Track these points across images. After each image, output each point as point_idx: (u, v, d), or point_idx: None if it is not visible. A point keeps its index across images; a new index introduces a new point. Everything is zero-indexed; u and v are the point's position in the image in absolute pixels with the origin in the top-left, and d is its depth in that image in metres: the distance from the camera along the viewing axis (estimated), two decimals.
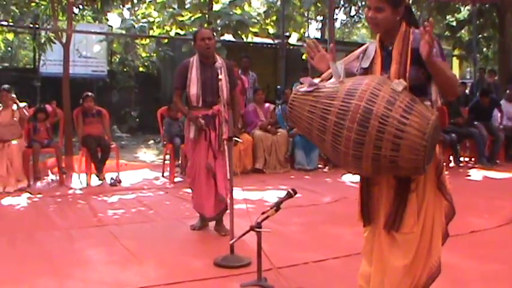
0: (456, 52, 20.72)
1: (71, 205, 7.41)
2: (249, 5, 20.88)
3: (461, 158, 11.39)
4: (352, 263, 4.70)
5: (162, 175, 9.78)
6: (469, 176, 9.76)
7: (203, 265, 4.69)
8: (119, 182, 9.02)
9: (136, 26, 20.56)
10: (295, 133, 10.55)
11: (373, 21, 3.11)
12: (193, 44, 5.98)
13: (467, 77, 20.66)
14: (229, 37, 18.33)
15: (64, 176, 9.06)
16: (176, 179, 9.28)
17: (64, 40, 10.90)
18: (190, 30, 18.93)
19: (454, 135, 10.51)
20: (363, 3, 20.99)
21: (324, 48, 3.44)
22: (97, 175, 9.03)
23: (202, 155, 5.66)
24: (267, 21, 20.92)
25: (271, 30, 20.38)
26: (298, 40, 20.95)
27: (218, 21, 18.27)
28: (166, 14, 19.33)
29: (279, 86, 12.85)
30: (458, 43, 20.33)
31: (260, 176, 9.76)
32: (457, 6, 19.06)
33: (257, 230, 3.71)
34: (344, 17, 27.25)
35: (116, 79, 19.72)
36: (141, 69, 21.84)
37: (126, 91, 19.62)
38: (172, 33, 19.10)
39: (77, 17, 17.21)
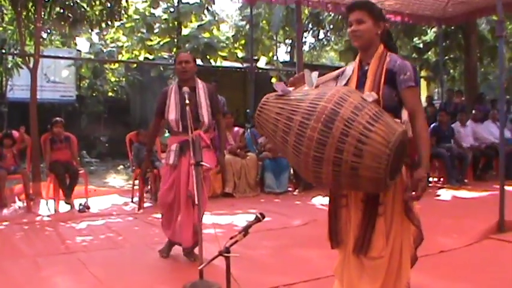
0: (423, 73, 21.00)
1: (38, 232, 7.28)
2: (218, 29, 20.96)
3: (430, 178, 11.47)
4: (322, 286, 4.71)
5: (132, 201, 9.69)
6: (438, 196, 9.82)
7: None
8: (88, 208, 8.91)
9: (105, 50, 20.60)
10: (265, 156, 10.58)
11: (355, 33, 3.27)
12: (174, 68, 5.97)
13: (435, 97, 20.95)
14: (197, 61, 18.33)
15: (31, 203, 8.92)
16: (145, 204, 9.22)
17: (31, 65, 10.81)
18: (159, 55, 18.97)
19: None
20: (331, 27, 21.22)
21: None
22: (65, 201, 8.91)
23: (183, 181, 5.48)
24: (235, 45, 21.09)
25: (240, 54, 20.50)
26: (267, 64, 21.09)
27: (187, 45, 18.31)
28: (135, 38, 19.35)
29: (248, 110, 12.87)
30: (426, 64, 20.63)
31: (230, 200, 9.73)
32: (423, 28, 19.36)
33: (225, 255, 3.67)
34: (313, 40, 27.50)
35: (85, 104, 19.65)
36: (110, 94, 21.79)
37: (95, 116, 19.54)
38: (141, 58, 19.08)
39: (45, 41, 17.17)
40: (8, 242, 6.70)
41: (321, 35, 25.55)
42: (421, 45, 20.97)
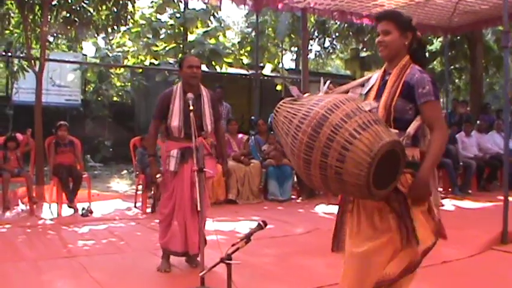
0: None
1: (40, 236, 7.27)
2: (224, 35, 21.02)
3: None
4: None
5: (135, 206, 9.68)
6: (441, 206, 9.76)
7: None
8: (91, 212, 8.90)
9: (110, 55, 20.65)
10: (269, 164, 10.57)
11: (381, 44, 3.30)
12: (179, 71, 5.71)
13: None
14: (203, 67, 18.36)
15: (34, 206, 8.93)
16: (148, 210, 9.20)
17: (37, 68, 10.83)
18: (165, 60, 19.01)
19: None
20: (337, 35, 21.23)
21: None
22: (68, 205, 8.91)
23: (185, 188, 5.38)
24: (241, 51, 21.10)
25: (246, 61, 20.54)
26: (272, 71, 21.10)
27: (192, 50, 18.34)
28: (141, 43, 19.43)
29: (253, 117, 12.86)
30: (431, 74, 20.59)
31: (233, 207, 9.72)
32: (429, 38, 19.35)
33: (227, 262, 3.66)
34: (318, 48, 27.51)
35: (90, 108, 19.69)
36: (115, 99, 21.82)
37: (100, 120, 19.57)
38: (146, 63, 19.13)
39: (51, 45, 17.21)
40: (10, 245, 6.69)
41: (326, 43, 25.54)
42: (426, 54, 20.96)
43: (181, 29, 19.27)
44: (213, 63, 18.67)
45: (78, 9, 11.81)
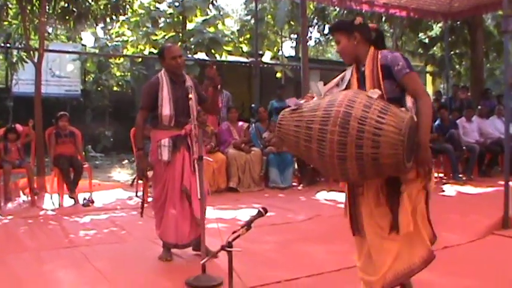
0: (429, 69, 20.94)
1: (42, 226, 7.29)
2: (223, 23, 20.94)
3: (435, 174, 11.44)
4: (325, 281, 4.71)
5: (136, 195, 9.67)
6: (442, 192, 9.79)
7: (175, 285, 4.65)
8: (92, 202, 8.92)
9: (110, 45, 20.57)
10: (270, 151, 10.56)
11: (339, 53, 3.70)
12: (160, 61, 5.65)
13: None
14: (202, 55, 18.33)
15: (36, 197, 8.94)
16: (150, 199, 9.20)
17: (36, 59, 10.81)
18: None
19: None
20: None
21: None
22: (69, 195, 8.92)
23: (177, 177, 5.39)
24: (240, 39, 21.04)
25: (245, 49, 20.48)
26: (272, 58, 21.05)
27: (191, 39, 18.30)
28: (140, 33, 19.35)
29: (253, 105, 12.85)
30: (431, 60, 20.58)
31: (234, 195, 9.72)
32: (429, 23, 19.30)
33: (228, 249, 3.67)
34: (318, 35, 27.43)
35: (90, 98, 19.65)
36: (115, 89, 21.76)
37: (100, 110, 19.56)
38: (146, 52, 19.08)
39: (50, 36, 17.17)
40: (12, 236, 6.72)
41: (326, 30, 25.44)
42: (426, 40, 20.91)
43: (180, 17, 19.19)
44: (213, 52, 18.62)
45: None
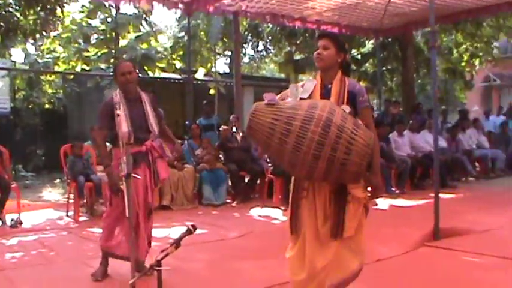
0: (362, 84, 21.27)
1: None
2: (156, 40, 20.83)
3: (368, 188, 11.55)
4: None
5: (67, 214, 9.44)
6: (376, 205, 9.89)
7: None
8: (20, 223, 8.64)
9: (40, 61, 20.18)
10: (203, 168, 10.49)
11: (319, 56, 3.98)
12: (113, 78, 5.64)
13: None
14: None
15: None
16: (81, 218, 9.02)
17: None
18: (97, 66, 18.71)
19: None
20: (270, 38, 21.31)
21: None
22: None
23: (140, 193, 5.31)
24: (173, 56, 20.96)
25: (178, 65, 20.41)
26: (205, 75, 21.05)
27: (124, 56, 18.12)
28: (72, 49, 19.06)
29: (187, 122, 12.77)
30: (363, 75, 20.93)
31: (167, 213, 9.54)
32: (361, 40, 19.64)
33: (157, 268, 3.60)
34: (252, 51, 27.56)
35: (20, 116, 19.17)
36: (46, 106, 21.24)
37: (31, 128, 19.09)
38: (78, 69, 18.78)
39: None
40: None
41: (260, 47, 25.61)
42: (359, 56, 21.28)
43: (113, 34, 19.01)
44: (146, 68, 18.49)
45: (4, 13, 11.51)
